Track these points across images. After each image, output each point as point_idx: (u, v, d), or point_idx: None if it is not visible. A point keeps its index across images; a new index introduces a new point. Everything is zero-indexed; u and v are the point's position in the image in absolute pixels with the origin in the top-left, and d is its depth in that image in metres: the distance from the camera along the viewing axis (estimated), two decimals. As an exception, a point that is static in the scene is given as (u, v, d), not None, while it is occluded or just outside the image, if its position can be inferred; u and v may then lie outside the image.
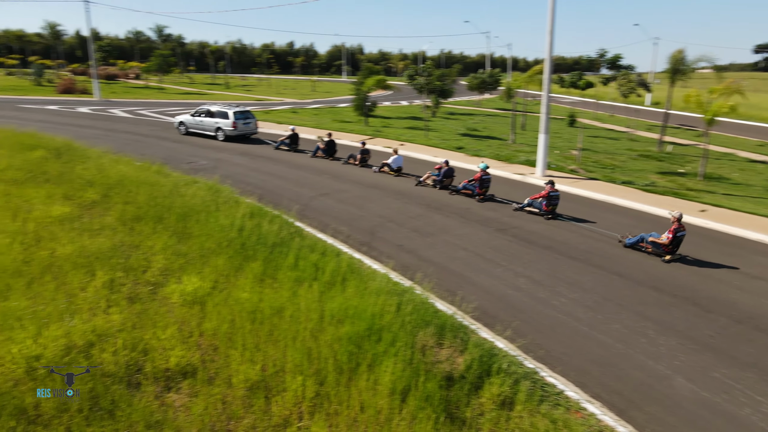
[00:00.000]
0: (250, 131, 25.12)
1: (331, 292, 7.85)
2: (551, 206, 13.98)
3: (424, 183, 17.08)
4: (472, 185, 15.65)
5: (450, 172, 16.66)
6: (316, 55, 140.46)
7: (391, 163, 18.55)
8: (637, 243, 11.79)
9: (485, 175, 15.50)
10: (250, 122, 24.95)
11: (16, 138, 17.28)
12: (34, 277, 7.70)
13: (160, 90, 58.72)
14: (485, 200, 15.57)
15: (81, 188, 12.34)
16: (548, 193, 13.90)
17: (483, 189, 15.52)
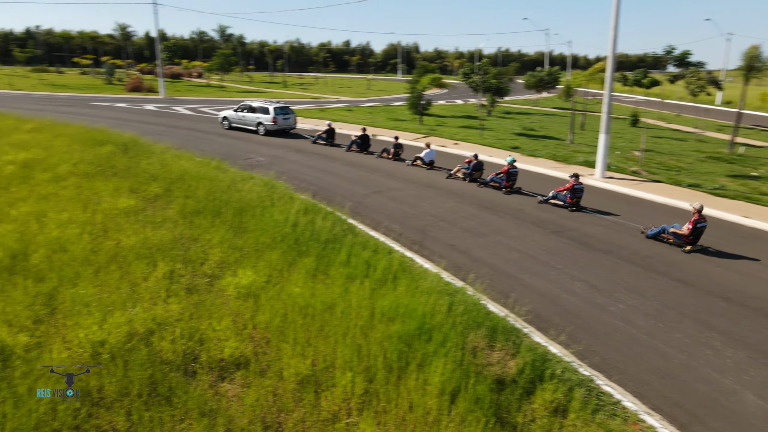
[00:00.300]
0: (289, 126, 26.14)
1: (382, 289, 7.85)
2: (575, 198, 14.33)
3: (455, 176, 17.66)
4: (499, 178, 16.18)
5: (479, 166, 17.23)
6: (372, 53, 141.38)
7: (424, 156, 19.19)
8: (659, 234, 12.05)
9: (512, 168, 15.96)
10: (289, 118, 25.98)
11: (88, 134, 18.25)
12: (101, 266, 8.09)
13: (221, 88, 60.64)
14: (512, 192, 16.05)
15: (145, 182, 12.88)
16: (572, 186, 14.25)
17: (510, 182, 16.01)
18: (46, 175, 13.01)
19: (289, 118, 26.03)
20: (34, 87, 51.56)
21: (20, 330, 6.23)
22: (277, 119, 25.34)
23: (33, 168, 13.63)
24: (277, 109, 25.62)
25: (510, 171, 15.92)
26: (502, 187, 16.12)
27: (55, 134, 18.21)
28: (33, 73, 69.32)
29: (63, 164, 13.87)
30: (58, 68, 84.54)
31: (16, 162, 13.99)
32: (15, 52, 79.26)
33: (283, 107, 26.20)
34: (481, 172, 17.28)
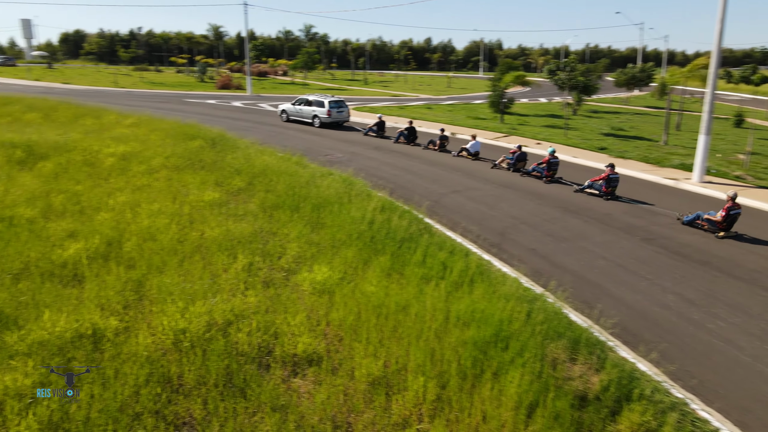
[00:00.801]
0: (342, 119, 27.22)
1: (458, 292, 7.62)
2: (610, 188, 14.85)
3: (499, 166, 18.49)
4: (541, 168, 16.87)
5: (523, 156, 18.07)
6: (454, 51, 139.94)
7: (469, 147, 19.97)
8: (694, 220, 12.48)
9: (553, 158, 16.69)
10: (343, 111, 27.07)
11: (180, 129, 19.25)
12: (185, 256, 8.42)
13: (305, 86, 62.28)
14: (552, 182, 16.75)
15: (230, 176, 13.34)
16: (608, 176, 14.79)
17: (551, 171, 16.73)
18: (141, 167, 13.80)
19: (343, 111, 27.10)
20: (135, 85, 55.38)
21: (111, 314, 6.57)
22: (332, 112, 26.45)
23: (130, 160, 14.51)
24: (331, 102, 26.64)
25: (551, 161, 16.64)
26: (543, 176, 16.82)
27: (151, 129, 19.35)
28: (135, 72, 74.52)
29: (157, 157, 14.66)
30: (157, 67, 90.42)
31: (116, 154, 14.95)
32: (120, 52, 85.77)
33: (338, 101, 27.20)
34: (524, 162, 18.04)
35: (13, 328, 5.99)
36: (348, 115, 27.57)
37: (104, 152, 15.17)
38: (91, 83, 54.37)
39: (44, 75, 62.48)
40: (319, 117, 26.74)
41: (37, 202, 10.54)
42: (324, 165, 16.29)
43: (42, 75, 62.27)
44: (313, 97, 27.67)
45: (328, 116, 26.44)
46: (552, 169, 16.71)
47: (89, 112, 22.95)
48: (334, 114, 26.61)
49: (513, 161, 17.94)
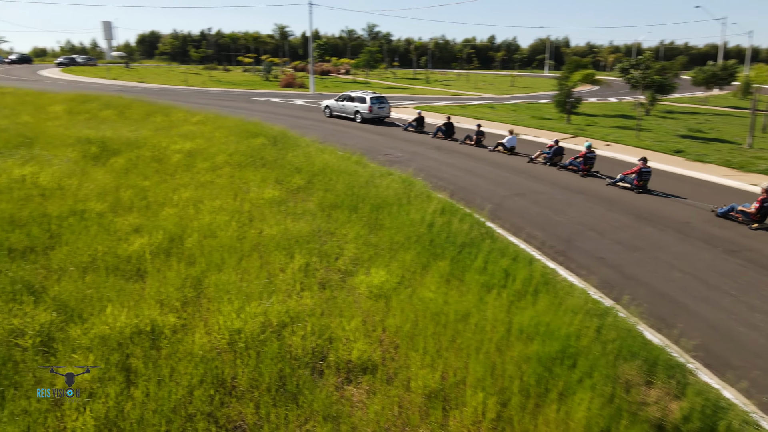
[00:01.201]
0: (383, 115, 28.00)
1: (520, 303, 7.21)
2: (642, 181, 15.07)
3: (536, 160, 18.71)
4: (577, 162, 17.18)
5: (560, 151, 18.20)
6: (518, 49, 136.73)
7: (506, 142, 20.29)
8: (729, 212, 12.64)
9: (590, 152, 17.00)
10: (384, 107, 27.89)
11: (243, 126, 19.61)
12: (244, 254, 8.42)
13: (366, 84, 62.57)
14: (588, 175, 16.94)
15: (290, 174, 13.38)
16: (640, 169, 15.03)
17: (587, 166, 16.99)
18: (205, 164, 14.09)
19: (384, 107, 27.90)
20: (203, 83, 57.39)
21: (170, 311, 6.61)
22: (373, 108, 27.31)
23: (195, 157, 14.85)
24: (373, 98, 27.55)
25: (587, 155, 16.95)
26: (580, 170, 17.12)
27: (216, 126, 19.82)
28: (204, 71, 77.38)
29: (220, 154, 14.94)
30: (225, 66, 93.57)
31: (183, 151, 15.35)
32: (191, 52, 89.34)
33: (379, 97, 28.14)
34: (561, 156, 18.22)
35: (78, 321, 6.11)
36: (389, 111, 28.35)
37: (171, 149, 15.61)
38: (164, 82, 56.83)
39: (121, 74, 65.92)
40: (361, 113, 27.57)
41: (107, 196, 10.90)
42: (384, 164, 16.12)
43: (119, 74, 65.71)
44: (355, 93, 28.64)
45: (369, 112, 27.27)
46: (588, 163, 17.01)
47: (160, 110, 23.82)
48: (375, 110, 27.38)
49: (550, 155, 18.22)
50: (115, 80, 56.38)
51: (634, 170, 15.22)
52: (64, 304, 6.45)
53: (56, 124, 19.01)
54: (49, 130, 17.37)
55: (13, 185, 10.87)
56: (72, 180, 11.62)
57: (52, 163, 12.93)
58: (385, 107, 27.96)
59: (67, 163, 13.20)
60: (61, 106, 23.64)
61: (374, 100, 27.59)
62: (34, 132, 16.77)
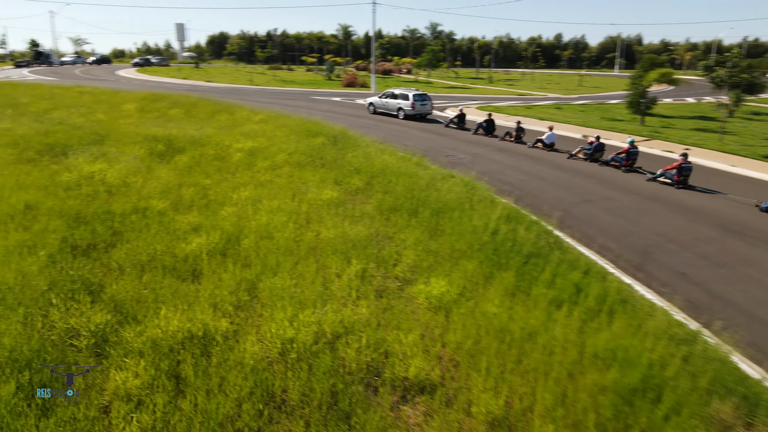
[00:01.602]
0: (426, 112, 28.52)
1: (594, 322, 6.58)
2: (682, 177, 15.08)
3: (576, 156, 18.91)
4: (620, 157, 17.33)
5: (600, 147, 18.46)
6: (587, 47, 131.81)
7: (545, 139, 20.48)
8: (657, 178, 13.80)
9: (632, 148, 17.11)
10: (426, 104, 28.33)
11: (304, 125, 19.62)
12: (300, 258, 8.19)
13: (428, 84, 61.96)
14: (630, 171, 17.10)
15: (349, 175, 13.14)
16: (680, 165, 15.07)
17: (630, 161, 17.16)
18: (265, 163, 14.08)
19: (426, 104, 28.35)
20: (268, 82, 58.61)
21: (223, 315, 6.44)
22: (415, 105, 27.77)
23: (256, 156, 14.89)
24: (416, 96, 27.96)
25: (630, 151, 17.08)
26: (622, 166, 17.27)
27: (277, 125, 19.93)
28: (268, 71, 79.23)
29: (280, 153, 14.91)
30: (289, 66, 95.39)
31: (244, 150, 15.44)
32: (257, 52, 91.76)
33: (421, 94, 28.48)
34: (602, 152, 18.42)
35: (132, 323, 6.03)
36: (431, 108, 28.94)
37: (234, 147, 15.74)
38: (230, 81, 58.47)
39: (191, 74, 68.44)
40: (404, 109, 28.04)
41: (169, 194, 11.00)
42: (445, 167, 15.62)
43: (189, 74, 68.24)
44: (398, 90, 29.20)
45: (412, 108, 27.72)
46: (631, 159, 17.15)
47: (224, 109, 24.29)
48: (417, 107, 27.84)
49: (590, 152, 18.44)
50: (184, 80, 58.52)
51: (674, 165, 15.31)
52: (121, 304, 6.40)
53: (127, 122, 19.68)
54: (120, 128, 17.96)
55: (82, 182, 11.17)
56: (137, 177, 11.84)
57: (120, 161, 13.27)
58: (427, 104, 28.40)
59: (133, 160, 13.51)
60: (133, 104, 24.56)
61: (417, 97, 27.98)
62: (107, 129, 17.37)
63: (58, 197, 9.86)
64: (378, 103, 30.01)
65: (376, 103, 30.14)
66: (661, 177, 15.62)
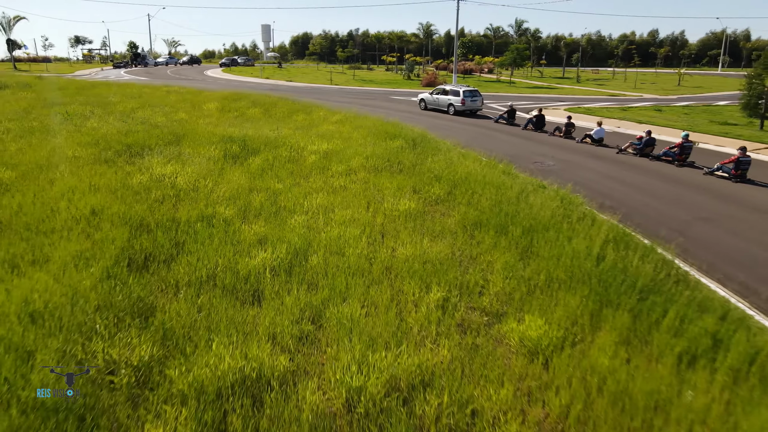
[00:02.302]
0: (476, 107, 28.98)
1: (742, 388, 5.12)
2: (740, 170, 14.93)
3: (625, 151, 18.85)
4: (672, 152, 17.24)
5: (651, 142, 18.28)
6: (686, 44, 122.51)
7: (593, 134, 20.46)
8: (714, 171, 14.27)
9: (686, 142, 17.02)
10: (476, 100, 28.76)
11: (382, 127, 18.72)
12: (372, 281, 7.22)
13: (510, 84, 59.57)
14: (684, 165, 17.02)
15: (428, 182, 12.06)
16: (738, 158, 14.90)
17: (683, 155, 17.02)
18: (340, 167, 13.30)
19: (476, 100, 28.77)
20: (347, 82, 58.56)
21: (282, 350, 5.57)
22: (466, 101, 28.22)
23: (331, 159, 14.16)
24: (466, 92, 28.41)
25: (684, 145, 16.98)
26: (675, 160, 17.16)
27: (355, 126, 19.19)
28: (348, 70, 79.56)
29: (356, 157, 14.08)
30: (369, 65, 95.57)
31: (319, 152, 14.76)
32: (338, 52, 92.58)
33: (472, 90, 28.94)
34: (652, 147, 18.30)
35: (180, 357, 5.28)
36: (481, 103, 29.31)
37: (309, 149, 15.11)
38: (310, 81, 58.97)
39: (273, 74, 69.91)
40: (454, 105, 28.57)
41: (238, 200, 10.42)
42: (534, 175, 14.18)
43: (271, 74, 69.76)
44: (449, 87, 29.99)
45: (462, 104, 28.23)
46: (685, 153, 17.04)
47: (302, 108, 23.94)
48: (468, 102, 28.33)
49: (641, 146, 18.35)
50: (267, 79, 59.74)
51: (731, 159, 15.27)
52: (170, 332, 5.68)
53: (206, 122, 19.66)
54: (199, 128, 17.89)
55: (152, 185, 10.82)
56: (208, 181, 11.37)
57: (194, 162, 12.93)
58: (477, 100, 28.84)
59: (207, 162, 13.15)
60: (214, 104, 24.77)
61: (467, 93, 28.49)
62: (185, 129, 17.32)
63: (125, 202, 9.48)
64: (429, 99, 30.54)
65: (427, 99, 30.65)
66: (718, 171, 15.54)
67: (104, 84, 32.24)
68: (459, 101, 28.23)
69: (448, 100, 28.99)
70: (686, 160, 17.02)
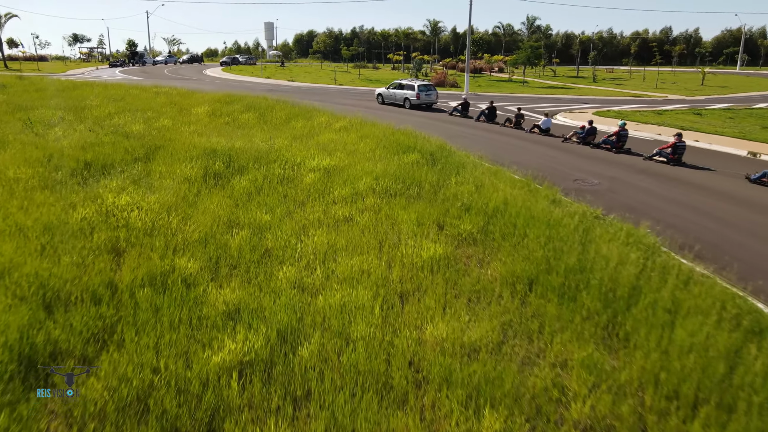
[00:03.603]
0: (430, 101, 29.92)
1: None
2: (677, 155, 16.31)
3: (570, 140, 19.86)
4: (611, 140, 18.31)
5: (593, 131, 19.35)
6: (700, 42, 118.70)
7: (541, 124, 21.59)
8: (761, 178, 13.65)
9: (623, 131, 18.12)
10: (431, 94, 29.88)
11: (393, 137, 16.08)
12: (392, 399, 4.71)
13: (523, 83, 56.77)
14: (620, 152, 18.09)
15: (456, 214, 9.53)
16: (674, 144, 16.31)
17: (620, 143, 18.19)
18: (345, 190, 10.82)
19: (431, 94, 29.86)
20: (352, 82, 55.72)
21: None
22: (420, 95, 29.23)
23: (333, 178, 11.68)
24: (420, 86, 29.53)
25: (620, 133, 18.10)
26: (613, 147, 18.28)
27: (361, 135, 16.62)
28: (353, 69, 76.81)
29: (364, 177, 11.57)
30: (374, 64, 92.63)
31: (319, 169, 12.27)
32: (343, 50, 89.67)
33: (426, 85, 30.33)
34: (594, 136, 19.33)
35: None
36: (436, 97, 30.22)
37: (306, 166, 12.61)
38: (313, 80, 56.07)
39: (275, 73, 67.07)
40: (410, 99, 29.47)
41: (210, 243, 7.92)
42: (579, 197, 11.64)
43: (273, 73, 66.97)
44: (405, 81, 30.89)
45: (417, 98, 29.14)
46: (621, 141, 18.21)
47: (302, 113, 21.31)
48: (422, 96, 29.28)
49: (583, 135, 19.48)
50: (267, 79, 57.04)
51: (669, 144, 16.52)
52: None
53: (192, 130, 17.16)
54: (180, 137, 15.43)
55: (98, 223, 8.29)
56: (173, 217, 8.83)
57: (162, 186, 10.42)
58: (432, 94, 29.91)
59: (180, 184, 10.64)
60: (204, 107, 22.26)
61: (422, 87, 29.55)
62: (164, 139, 14.85)
63: (48, 254, 6.96)
64: (386, 93, 31.59)
65: (384, 94, 31.71)
66: (658, 156, 16.82)
67: (89, 85, 29.73)
68: (414, 95, 29.36)
69: (404, 94, 30.13)
70: (623, 147, 18.36)
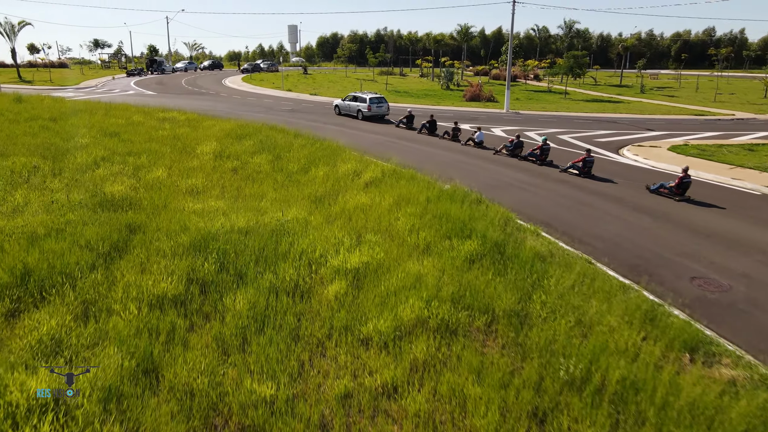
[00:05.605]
0: (382, 113, 31.67)
1: None
2: (586, 168, 17.92)
3: (500, 152, 21.68)
4: (535, 153, 20.17)
5: (520, 144, 21.29)
6: (745, 43, 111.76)
7: (476, 138, 23.46)
8: (659, 189, 15.63)
9: (545, 145, 20.01)
10: (382, 106, 31.68)
11: (442, 206, 12.14)
12: None
13: (565, 96, 52.19)
14: (543, 164, 19.83)
15: (561, 385, 5.92)
16: (584, 159, 18.02)
17: (543, 156, 20.01)
18: (382, 322, 7.39)
19: (382, 106, 31.65)
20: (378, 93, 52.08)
21: None
22: (372, 107, 31.10)
23: (366, 291, 8.29)
24: (372, 99, 31.41)
25: (543, 147, 19.94)
26: (537, 160, 20.09)
27: (397, 197, 12.87)
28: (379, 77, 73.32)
29: (409, 293, 8.09)
30: (401, 70, 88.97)
31: (347, 272, 8.84)
32: (369, 56, 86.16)
33: (378, 98, 32.10)
34: (521, 149, 21.23)
35: None
36: (387, 109, 31.93)
37: (330, 265, 9.15)
38: (338, 93, 52.12)
39: (297, 83, 63.39)
40: (362, 111, 31.40)
41: None
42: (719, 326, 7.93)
43: (295, 83, 63.40)
44: (358, 94, 32.85)
45: (369, 110, 31.05)
46: (544, 154, 19.97)
47: (323, 155, 17.64)
48: (373, 108, 31.17)
49: (511, 148, 21.17)
50: (289, 92, 53.53)
51: (580, 159, 18.14)
52: None
53: (188, 186, 13.86)
54: (172, 202, 12.29)
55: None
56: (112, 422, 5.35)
57: (115, 334, 6.97)
58: (383, 106, 31.69)
59: (147, 316, 7.24)
60: (211, 144, 18.98)
61: (373, 100, 31.42)
62: (150, 208, 11.69)
63: None
64: (342, 105, 33.56)
65: (341, 105, 33.69)
66: (571, 168, 18.31)
67: (90, 109, 26.59)
68: (366, 107, 31.19)
69: (357, 106, 31.92)
70: (546, 160, 20.00)
